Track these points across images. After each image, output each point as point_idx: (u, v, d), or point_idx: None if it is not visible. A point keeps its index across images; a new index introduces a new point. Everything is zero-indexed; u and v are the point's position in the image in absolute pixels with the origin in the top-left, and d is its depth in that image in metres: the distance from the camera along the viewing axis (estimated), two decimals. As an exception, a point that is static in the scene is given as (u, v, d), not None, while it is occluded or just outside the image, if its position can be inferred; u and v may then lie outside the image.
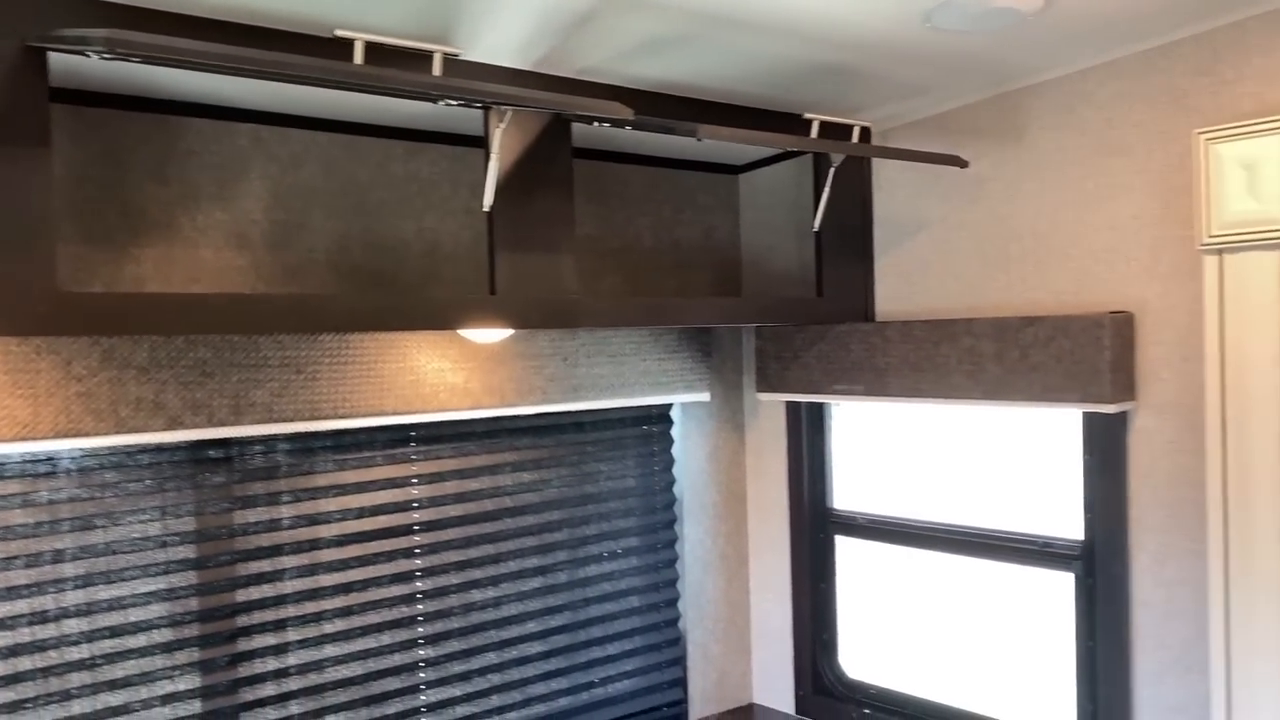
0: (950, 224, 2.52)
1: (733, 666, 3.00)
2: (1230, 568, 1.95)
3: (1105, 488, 2.23)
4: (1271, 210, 1.85)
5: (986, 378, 2.32)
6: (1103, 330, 2.13)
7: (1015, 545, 2.44)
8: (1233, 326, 1.93)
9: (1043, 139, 2.33)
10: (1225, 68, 2.02)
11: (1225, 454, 1.95)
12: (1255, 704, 1.92)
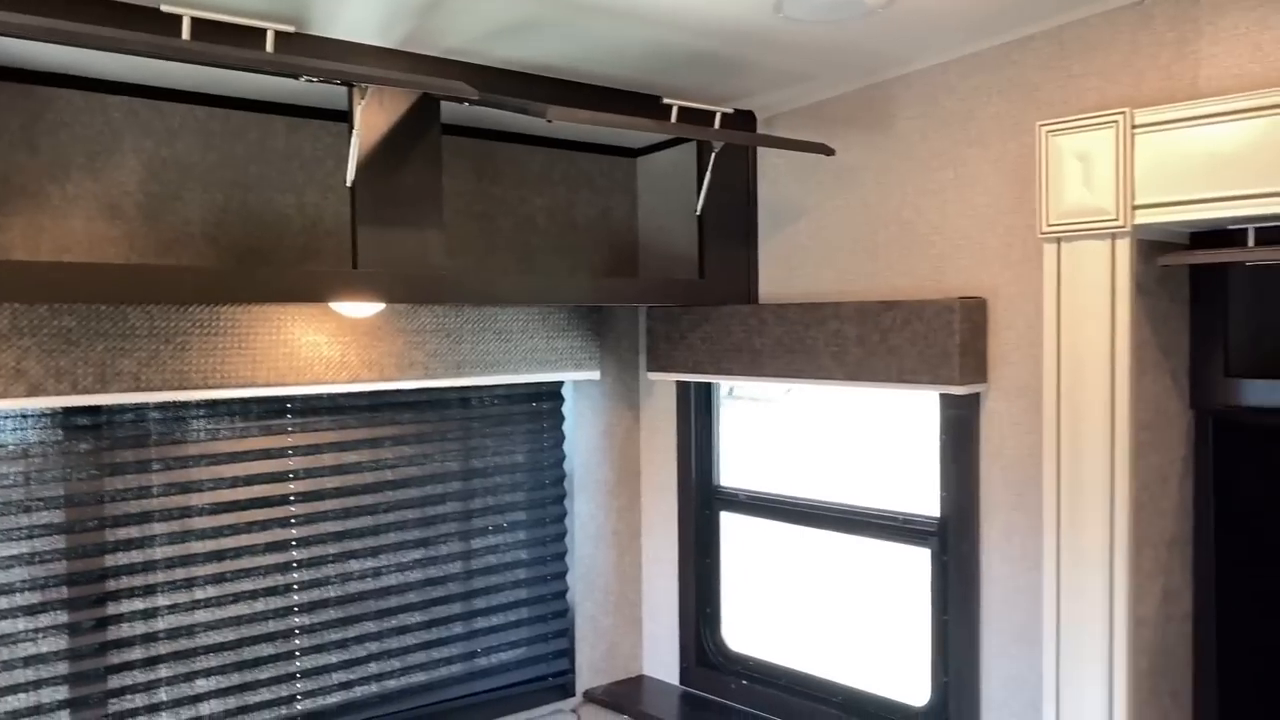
0: (826, 210, 2.59)
1: (623, 638, 3.07)
2: (1062, 544, 2.03)
3: (958, 467, 2.32)
4: (1103, 201, 1.93)
5: (850, 359, 2.40)
6: (953, 315, 2.21)
7: (880, 522, 2.53)
8: (1069, 312, 2.01)
9: (909, 129, 2.41)
10: (1072, 63, 2.10)
11: (1059, 435, 2.03)
12: (1082, 674, 2.01)
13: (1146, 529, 2.00)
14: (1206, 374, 2.07)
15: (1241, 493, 2.04)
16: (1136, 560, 1.98)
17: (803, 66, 2.36)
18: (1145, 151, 1.88)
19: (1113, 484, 1.95)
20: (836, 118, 2.56)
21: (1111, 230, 1.93)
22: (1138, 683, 1.98)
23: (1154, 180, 1.87)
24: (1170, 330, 2.04)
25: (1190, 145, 1.82)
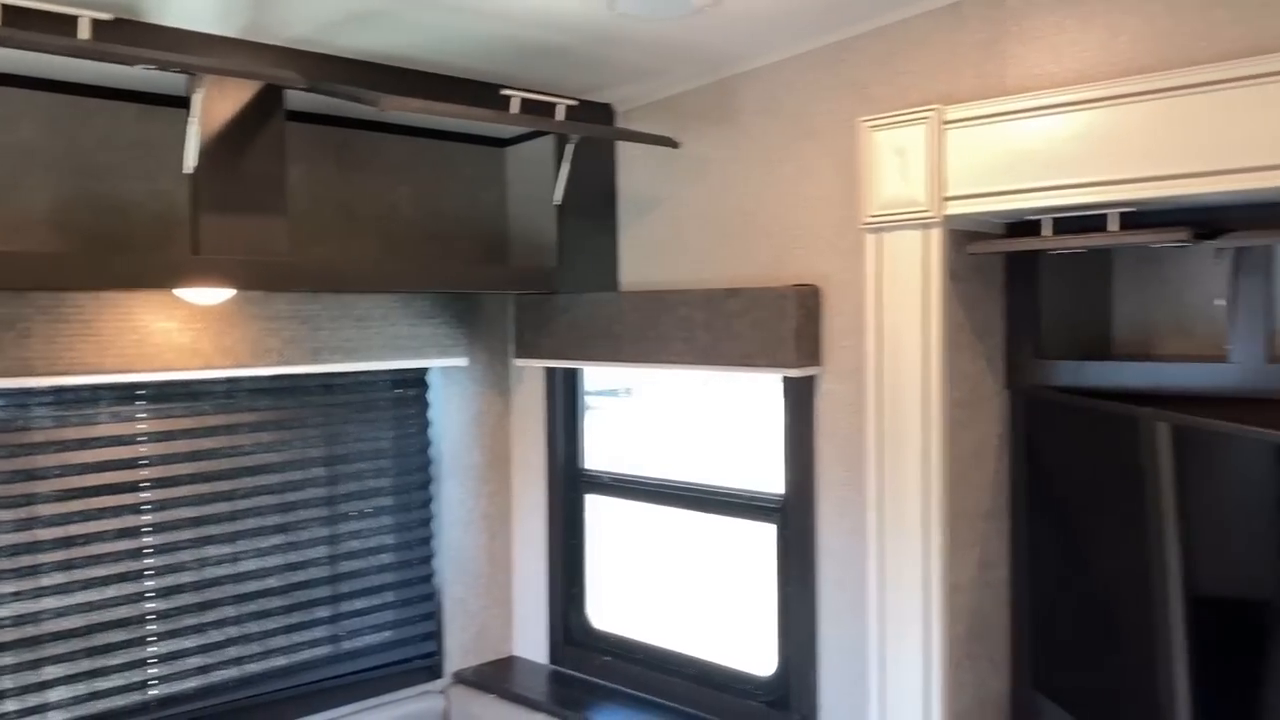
0: (681, 201, 2.68)
1: (493, 620, 3.13)
2: (883, 517, 2.15)
3: (798, 446, 2.43)
4: (916, 193, 2.05)
5: (698, 344, 2.49)
6: (788, 302, 2.31)
7: (730, 500, 2.63)
8: (888, 298, 2.13)
9: (753, 124, 2.50)
10: (897, 61, 2.21)
11: (880, 414, 2.15)
12: (901, 639, 2.13)
13: (962, 501, 2.13)
14: (1019, 356, 2.21)
15: (1051, 466, 2.18)
16: (951, 531, 2.10)
17: (651, 62, 2.44)
18: (955, 146, 2.00)
19: (928, 459, 2.07)
20: (689, 112, 2.64)
21: (924, 221, 2.04)
22: (954, 646, 2.11)
23: (963, 173, 1.99)
24: (984, 315, 2.17)
25: (995, 140, 1.94)
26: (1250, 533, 1.70)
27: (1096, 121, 1.81)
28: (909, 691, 2.12)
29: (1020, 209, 1.94)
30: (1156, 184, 1.74)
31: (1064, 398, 2.10)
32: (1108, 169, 1.80)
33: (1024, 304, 2.20)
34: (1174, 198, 1.75)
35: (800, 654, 2.45)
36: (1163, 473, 1.80)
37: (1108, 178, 1.80)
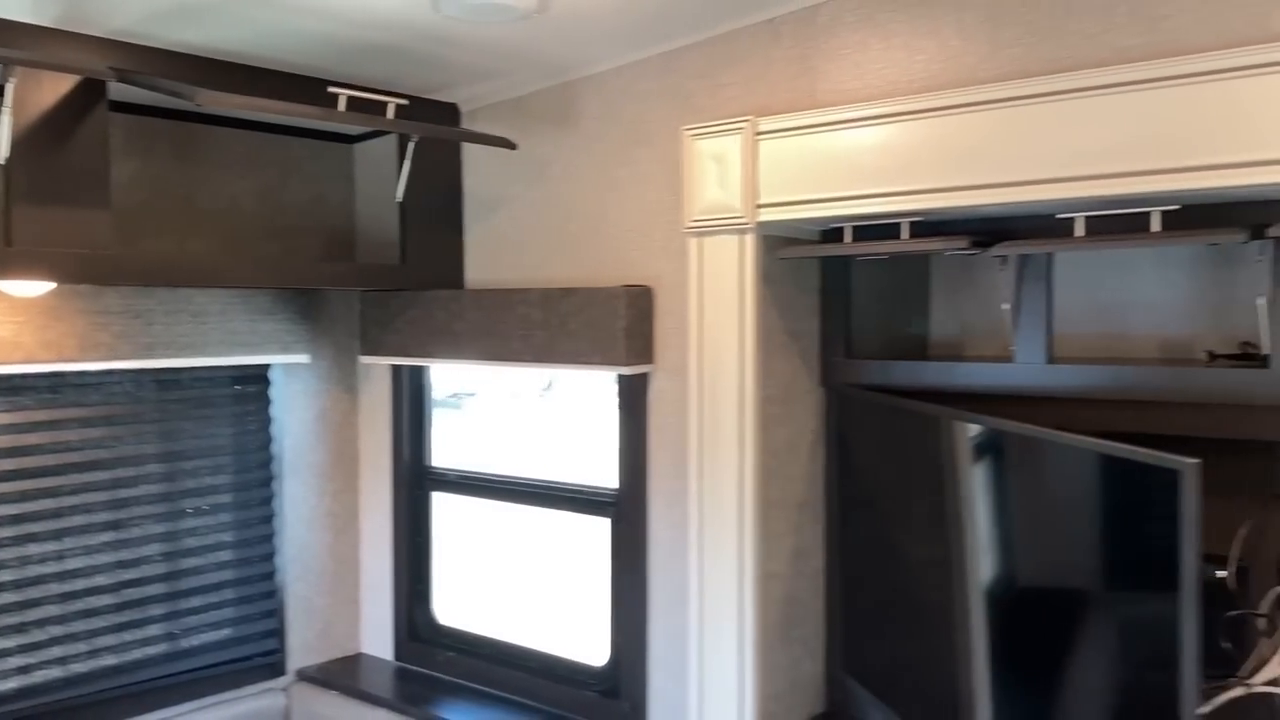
0: (524, 201, 2.73)
1: (339, 618, 3.13)
2: (703, 509, 2.25)
3: (631, 442, 2.51)
4: (733, 200, 2.15)
5: (536, 342, 2.55)
6: (619, 302, 2.39)
7: (569, 495, 2.69)
8: (708, 300, 2.22)
9: (592, 128, 2.57)
10: (719, 72, 2.31)
11: (701, 411, 2.24)
12: (719, 626, 2.23)
13: (776, 493, 2.24)
14: (832, 356, 2.33)
15: (860, 460, 2.30)
16: (765, 521, 2.21)
17: (491, 63, 2.49)
18: (767, 156, 2.11)
19: (743, 453, 2.17)
20: (532, 114, 2.70)
21: (739, 226, 2.15)
22: (768, 631, 2.22)
23: (774, 182, 2.10)
24: (799, 316, 2.29)
25: (803, 151, 2.06)
26: (1035, 523, 1.83)
27: (891, 136, 1.93)
28: (725, 675, 2.22)
29: (824, 217, 2.05)
30: (942, 195, 1.88)
31: (867, 395, 2.22)
32: (900, 180, 1.92)
33: (837, 307, 2.32)
34: (959, 208, 1.89)
35: (631, 644, 2.53)
36: (954, 466, 1.93)
37: (899, 189, 1.93)
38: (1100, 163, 1.69)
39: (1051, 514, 1.72)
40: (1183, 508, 1.35)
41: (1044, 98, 1.76)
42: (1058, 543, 1.73)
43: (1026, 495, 1.84)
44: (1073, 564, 1.68)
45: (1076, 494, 1.65)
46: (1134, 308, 2.21)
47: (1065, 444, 1.65)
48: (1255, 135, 1.55)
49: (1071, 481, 1.66)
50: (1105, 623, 1.62)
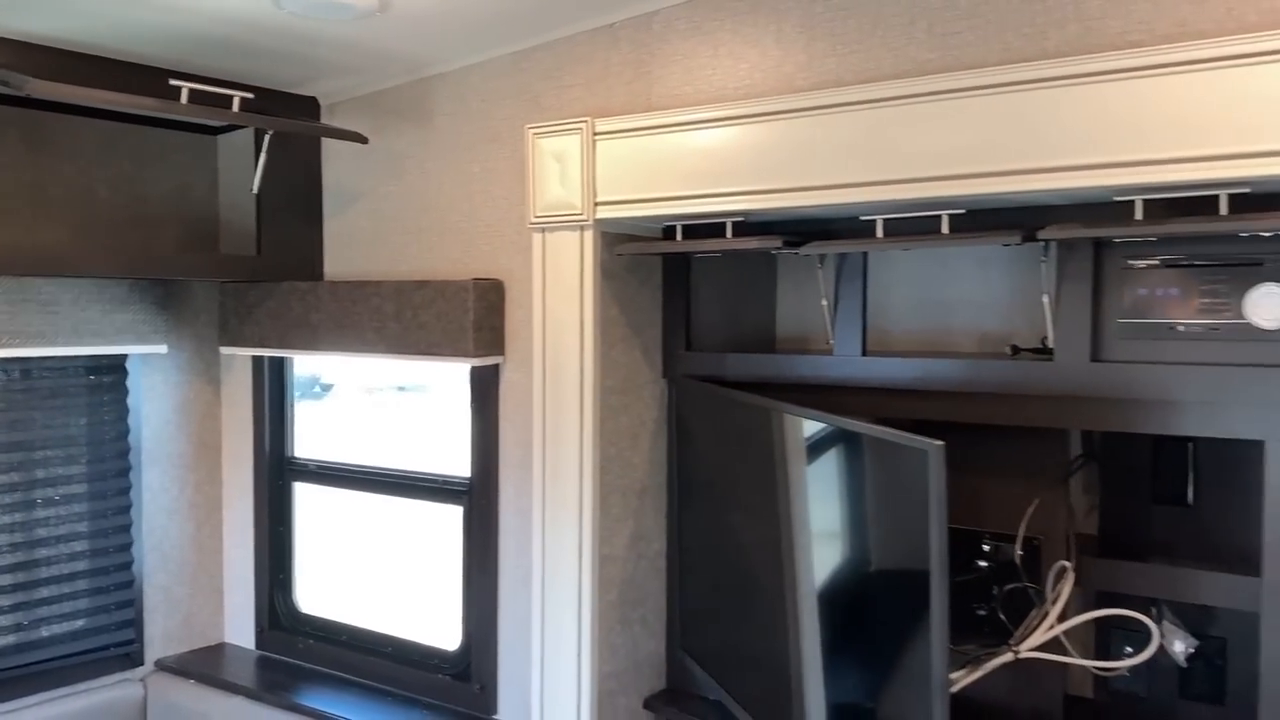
0: (382, 195, 2.78)
1: (201, 608, 3.13)
2: (546, 495, 2.33)
3: (483, 431, 2.58)
4: (573, 197, 2.23)
5: (389, 334, 2.60)
6: (467, 294, 2.45)
7: (425, 484, 2.75)
8: (551, 293, 2.30)
9: (447, 124, 2.63)
10: (563, 74, 2.39)
11: (545, 401, 2.32)
12: (560, 607, 2.31)
13: (616, 480, 2.33)
14: (673, 348, 2.42)
15: (698, 447, 2.41)
16: (605, 507, 2.30)
17: (344, 59, 2.53)
18: (605, 156, 2.19)
19: (583, 442, 2.26)
20: (390, 109, 2.74)
21: (579, 223, 2.23)
22: (606, 612, 2.31)
23: (611, 181, 2.18)
24: (640, 310, 2.38)
25: (636, 153, 2.14)
26: (836, 506, 1.95)
27: (716, 140, 2.03)
28: (565, 654, 2.30)
29: (658, 215, 2.15)
30: (760, 196, 1.98)
31: (698, 385, 2.32)
32: (724, 182, 2.03)
33: (677, 301, 2.41)
34: (778, 209, 2.00)
35: (482, 627, 2.60)
36: (770, 452, 2.05)
37: (723, 190, 2.03)
38: (898, 168, 1.82)
39: (847, 496, 1.84)
40: (930, 486, 1.47)
41: (851, 106, 1.88)
42: (856, 524, 1.85)
43: (826, 480, 1.95)
44: (865, 544, 1.80)
45: (861, 477, 1.77)
46: (957, 305, 2.36)
47: (841, 429, 1.77)
48: (1033, 145, 1.69)
49: (858, 465, 1.78)
50: (893, 599, 1.75)
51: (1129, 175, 1.60)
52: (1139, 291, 1.83)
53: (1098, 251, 1.85)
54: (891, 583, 1.74)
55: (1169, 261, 1.80)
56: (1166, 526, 2.06)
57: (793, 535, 2.01)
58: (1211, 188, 1.57)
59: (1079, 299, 1.86)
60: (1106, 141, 1.61)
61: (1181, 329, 1.79)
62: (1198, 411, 1.77)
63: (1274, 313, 1.70)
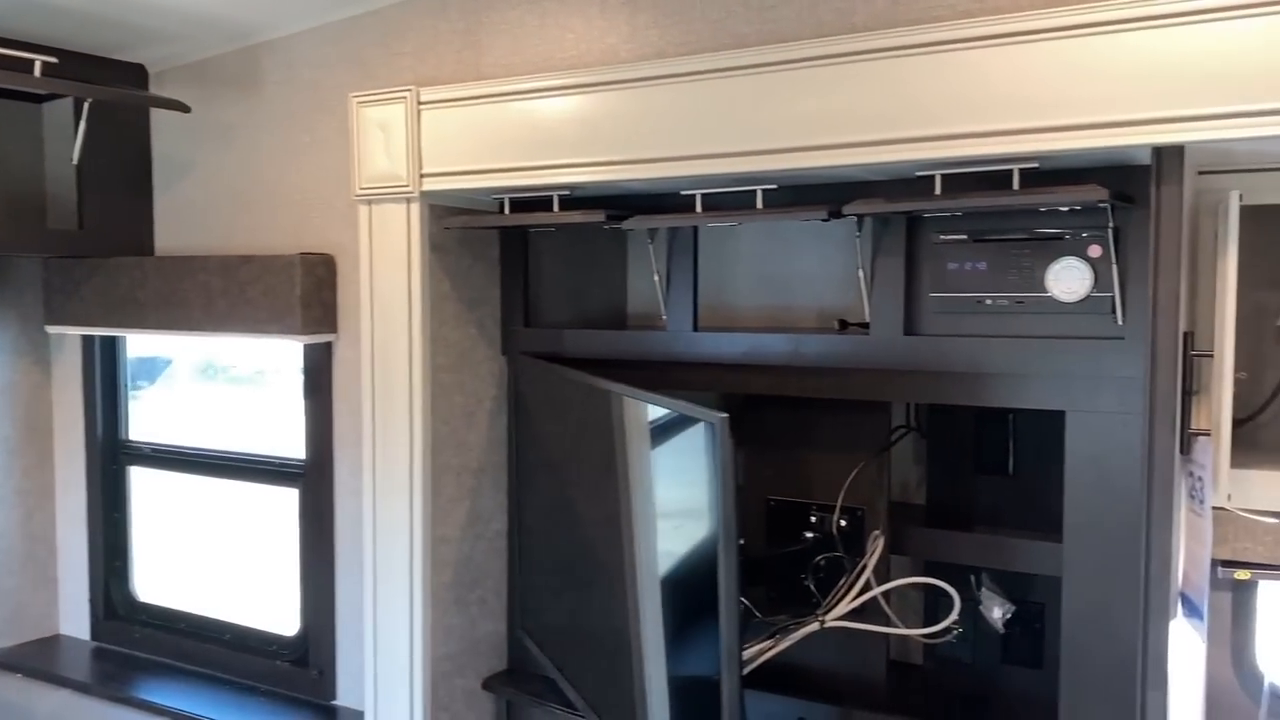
0: (213, 167, 2.66)
1: (34, 598, 2.99)
2: (377, 475, 2.27)
3: (316, 411, 2.50)
4: (398, 168, 2.16)
5: (217, 311, 2.50)
6: (294, 270, 2.37)
7: (262, 467, 2.66)
8: (379, 268, 2.24)
9: (276, 93, 2.53)
10: (393, 41, 2.32)
11: (374, 380, 2.26)
12: (391, 590, 2.26)
13: (450, 459, 2.28)
14: (512, 325, 2.38)
15: (537, 426, 2.37)
16: (439, 487, 2.25)
17: (167, 25, 2.41)
18: (430, 126, 2.13)
19: (413, 421, 2.21)
20: (218, 78, 2.63)
21: (405, 195, 2.17)
22: (440, 594, 2.27)
23: (438, 152, 2.12)
24: (475, 285, 2.33)
25: (462, 123, 2.09)
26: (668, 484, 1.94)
27: (540, 111, 1.99)
28: (398, 637, 2.26)
29: (486, 188, 2.10)
30: (584, 170, 1.95)
31: (534, 362, 2.29)
32: (549, 155, 1.99)
33: (515, 276, 2.37)
34: (604, 182, 1.97)
35: (319, 612, 2.53)
36: (597, 428, 2.02)
37: (548, 162, 1.99)
38: (714, 142, 1.80)
39: (660, 471, 1.83)
40: (718, 459, 1.47)
41: (669, 79, 1.85)
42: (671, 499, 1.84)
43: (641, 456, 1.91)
44: (680, 519, 1.80)
45: (669, 452, 1.76)
46: (797, 281, 2.37)
47: (643, 402, 1.75)
48: (841, 120, 1.69)
49: (666, 440, 1.77)
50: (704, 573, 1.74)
51: (927, 150, 1.61)
52: (949, 266, 1.85)
53: (911, 227, 1.87)
54: (702, 556, 1.74)
55: (977, 236, 1.83)
56: (990, 495, 2.11)
57: (615, 511, 1.99)
58: (1003, 162, 1.59)
59: (893, 274, 1.88)
60: (906, 116, 1.62)
61: (989, 303, 1.82)
62: (1005, 384, 1.80)
63: (1072, 286, 1.74)
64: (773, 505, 2.22)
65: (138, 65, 2.71)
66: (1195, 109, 1.41)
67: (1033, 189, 1.58)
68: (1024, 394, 1.79)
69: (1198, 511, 1.58)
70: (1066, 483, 1.76)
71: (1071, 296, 1.74)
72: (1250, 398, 1.84)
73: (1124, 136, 1.46)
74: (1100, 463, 1.72)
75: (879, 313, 1.90)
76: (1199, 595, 1.58)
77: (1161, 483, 1.52)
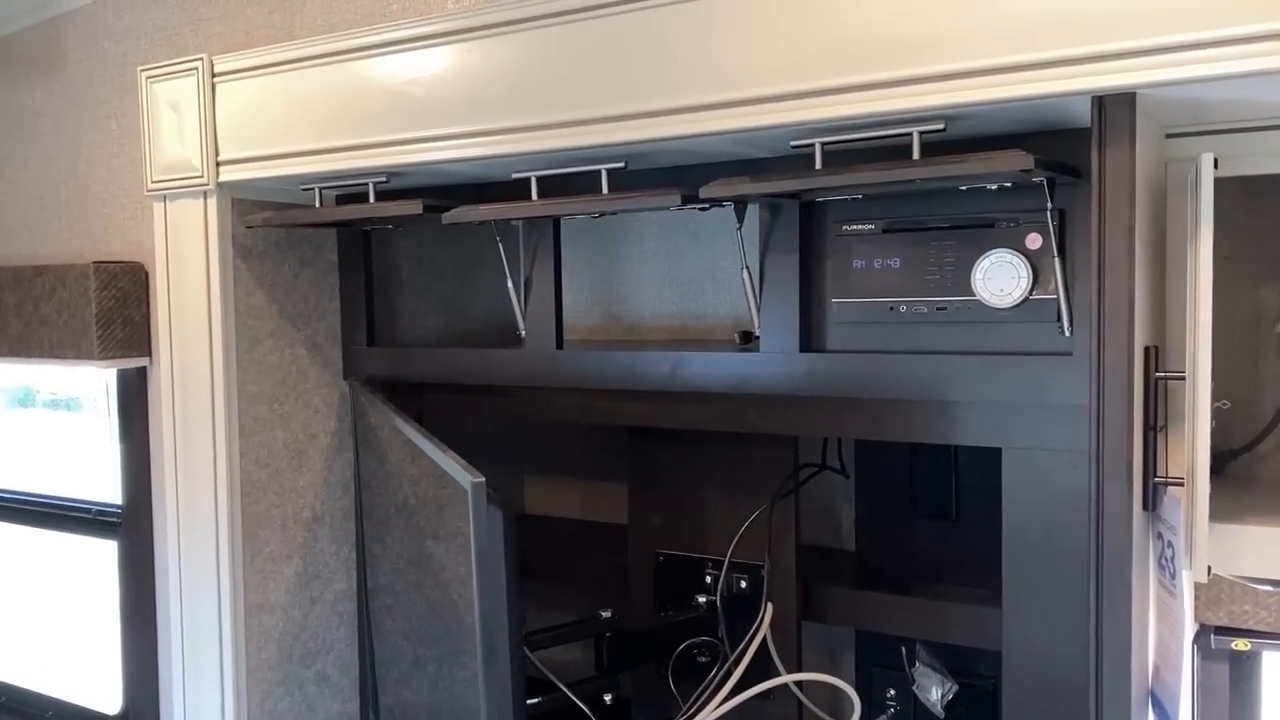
0: (16, 163, 2.27)
1: None
2: (181, 529, 1.87)
3: (133, 451, 2.10)
4: (192, 156, 1.77)
5: (11, 332, 2.10)
6: (88, 281, 1.97)
7: (74, 514, 2.26)
8: (176, 278, 1.84)
9: (79, 73, 2.14)
10: (201, 4, 1.92)
11: (174, 415, 1.86)
12: (201, 668, 1.86)
13: (270, 509, 1.88)
14: (353, 345, 1.98)
15: (375, 465, 1.97)
16: (253, 543, 1.85)
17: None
18: (227, 103, 1.74)
19: (218, 465, 1.81)
20: (22, 55, 2.24)
21: (200, 188, 1.77)
22: (258, 673, 1.87)
23: (237, 134, 1.73)
24: (304, 298, 1.93)
25: (264, 97, 1.70)
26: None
27: (347, 80, 1.60)
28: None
29: (289, 176, 1.70)
30: (392, 150, 1.56)
31: (361, 390, 1.89)
32: (355, 133, 1.59)
33: (355, 286, 1.97)
34: (415, 165, 1.56)
35: (143, 686, 2.13)
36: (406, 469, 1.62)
37: (355, 142, 1.59)
38: (544, 110, 1.41)
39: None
40: (472, 529, 1.07)
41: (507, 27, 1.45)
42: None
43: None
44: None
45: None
46: (712, 284, 1.99)
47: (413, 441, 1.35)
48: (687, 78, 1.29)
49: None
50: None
51: (798, 111, 1.21)
52: (855, 264, 1.46)
53: (807, 217, 1.47)
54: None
55: (888, 226, 1.43)
56: (931, 544, 1.72)
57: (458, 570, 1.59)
58: (899, 125, 1.19)
59: (785, 275, 1.48)
60: (771, 69, 1.22)
61: (904, 309, 1.43)
62: (924, 413, 1.40)
63: (1005, 285, 1.35)
64: (662, 561, 1.83)
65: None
66: (1147, 39, 1.01)
67: (936, 159, 1.17)
68: (948, 427, 1.39)
69: (1169, 588, 1.18)
70: (1005, 539, 1.36)
71: (1005, 300, 1.35)
72: (1245, 424, 1.44)
73: (1052, 82, 1.06)
74: (1044, 515, 1.32)
75: (770, 325, 1.50)
76: (1172, 697, 1.18)
77: (1114, 551, 1.12)
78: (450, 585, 1.52)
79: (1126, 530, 1.11)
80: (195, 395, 1.82)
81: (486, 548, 1.04)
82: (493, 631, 1.05)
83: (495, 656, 1.05)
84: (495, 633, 1.05)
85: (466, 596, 1.36)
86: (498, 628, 1.05)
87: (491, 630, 1.05)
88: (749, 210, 1.49)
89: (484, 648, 1.05)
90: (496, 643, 1.05)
